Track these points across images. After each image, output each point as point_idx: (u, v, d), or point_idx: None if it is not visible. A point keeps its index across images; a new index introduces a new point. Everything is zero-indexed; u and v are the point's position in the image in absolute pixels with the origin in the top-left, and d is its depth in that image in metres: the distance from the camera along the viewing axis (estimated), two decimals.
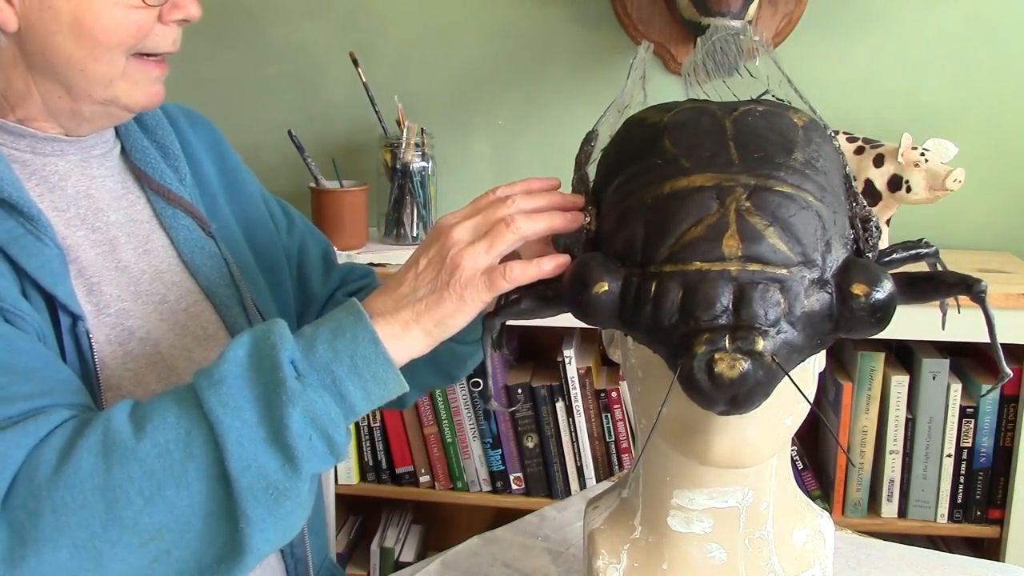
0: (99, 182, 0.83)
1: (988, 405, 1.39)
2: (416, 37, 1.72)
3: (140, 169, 0.87)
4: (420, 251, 0.68)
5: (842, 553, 0.86)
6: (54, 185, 0.80)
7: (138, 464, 0.59)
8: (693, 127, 0.59)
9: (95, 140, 0.83)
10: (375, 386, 0.64)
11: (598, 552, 0.68)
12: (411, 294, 0.66)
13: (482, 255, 0.65)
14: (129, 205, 0.85)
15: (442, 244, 0.66)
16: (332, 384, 0.63)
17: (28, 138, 0.78)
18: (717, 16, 1.44)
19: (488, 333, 0.62)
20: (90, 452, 0.60)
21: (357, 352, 0.63)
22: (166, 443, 0.60)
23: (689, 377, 0.50)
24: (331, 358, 0.63)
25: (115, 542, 0.59)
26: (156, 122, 0.89)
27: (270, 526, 0.61)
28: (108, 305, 0.78)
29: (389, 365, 0.64)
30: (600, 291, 0.53)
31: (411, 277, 0.67)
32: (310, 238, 1.02)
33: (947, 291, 0.57)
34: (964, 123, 1.56)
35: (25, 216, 0.72)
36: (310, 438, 0.61)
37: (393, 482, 1.61)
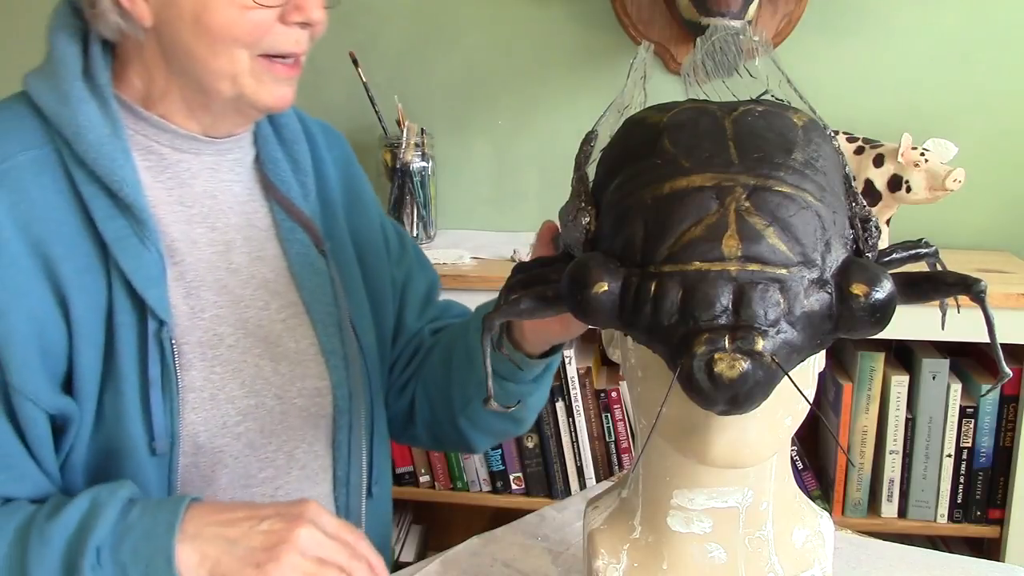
0: (226, 186, 0.86)
1: (988, 405, 1.39)
2: (416, 37, 1.72)
3: (269, 179, 0.90)
4: (272, 510, 0.72)
5: (842, 553, 0.86)
6: (184, 181, 0.83)
7: None
8: (692, 127, 0.59)
9: (231, 144, 0.86)
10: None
11: (598, 552, 0.68)
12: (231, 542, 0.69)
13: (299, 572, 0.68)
14: (252, 212, 0.88)
15: (289, 527, 0.69)
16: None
17: (169, 133, 0.81)
18: (717, 16, 1.44)
19: (488, 333, 0.62)
20: None
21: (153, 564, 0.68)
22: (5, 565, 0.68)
23: (689, 377, 0.50)
24: (129, 561, 0.68)
25: None
26: (294, 136, 0.92)
27: None
28: (204, 309, 0.81)
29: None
30: (600, 291, 0.53)
31: (245, 526, 0.70)
32: (418, 270, 1.03)
33: (947, 291, 0.56)
34: (964, 123, 1.56)
35: (136, 218, 0.76)
36: None
37: (393, 482, 1.61)
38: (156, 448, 0.77)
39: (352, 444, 0.91)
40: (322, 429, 0.89)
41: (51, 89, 0.76)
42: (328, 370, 0.89)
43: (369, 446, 0.93)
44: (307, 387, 0.88)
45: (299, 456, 0.88)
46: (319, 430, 0.89)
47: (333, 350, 0.89)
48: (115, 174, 0.75)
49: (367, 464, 0.93)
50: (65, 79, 0.76)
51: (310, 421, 0.88)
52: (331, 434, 0.90)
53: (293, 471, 0.88)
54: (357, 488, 0.92)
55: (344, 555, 0.71)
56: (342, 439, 0.90)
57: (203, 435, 0.80)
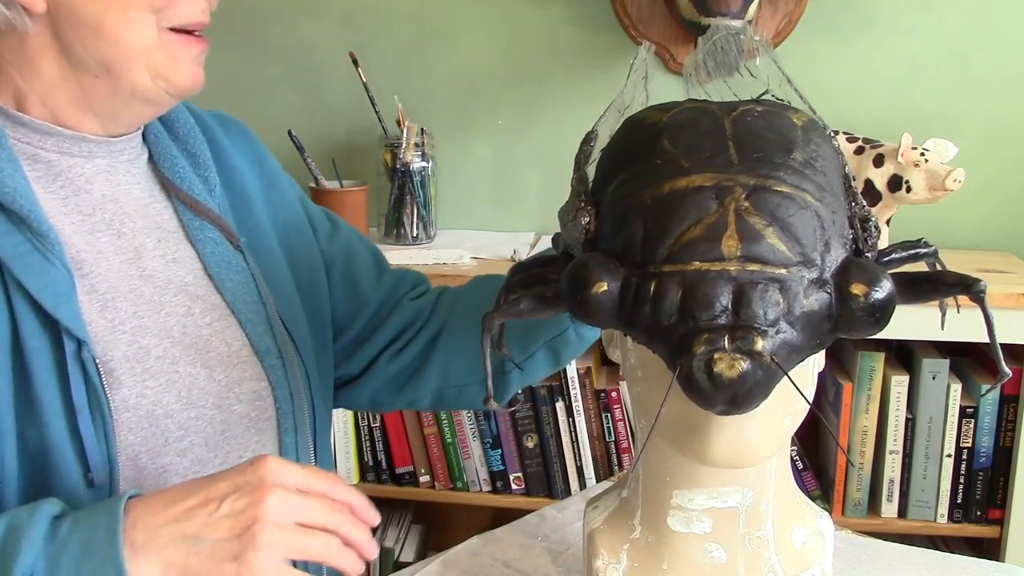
0: (124, 189, 0.81)
1: (988, 405, 1.39)
2: (416, 37, 1.72)
3: (167, 178, 0.84)
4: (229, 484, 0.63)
5: (841, 553, 0.86)
6: (80, 188, 0.77)
7: None
8: (692, 127, 0.59)
9: (123, 144, 0.81)
10: None
11: (598, 552, 0.68)
12: (193, 539, 0.61)
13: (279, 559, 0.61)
14: (156, 214, 0.83)
15: (254, 501, 0.61)
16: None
17: (56, 136, 0.76)
18: (717, 16, 1.44)
19: (487, 333, 0.62)
20: None
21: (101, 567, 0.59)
22: None
23: (688, 377, 0.50)
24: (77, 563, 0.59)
25: None
26: (187, 130, 0.87)
27: None
28: (124, 322, 0.75)
29: None
30: (599, 291, 0.53)
31: (203, 514, 0.62)
32: (358, 242, 1.00)
33: (946, 291, 0.56)
34: (964, 123, 1.56)
35: (34, 232, 0.69)
36: None
37: (393, 482, 1.62)
38: (93, 479, 0.70)
39: (299, 446, 0.87)
40: (267, 434, 0.84)
41: None
42: (265, 370, 0.84)
43: (314, 445, 0.89)
44: (246, 391, 0.82)
45: None
46: (264, 435, 0.84)
47: (267, 349, 0.84)
48: (4, 185, 0.68)
49: (316, 464, 0.89)
50: None
51: (253, 427, 0.83)
52: (277, 438, 0.85)
53: None
54: None
55: (324, 510, 0.64)
56: (289, 442, 0.86)
57: (144, 456, 0.74)
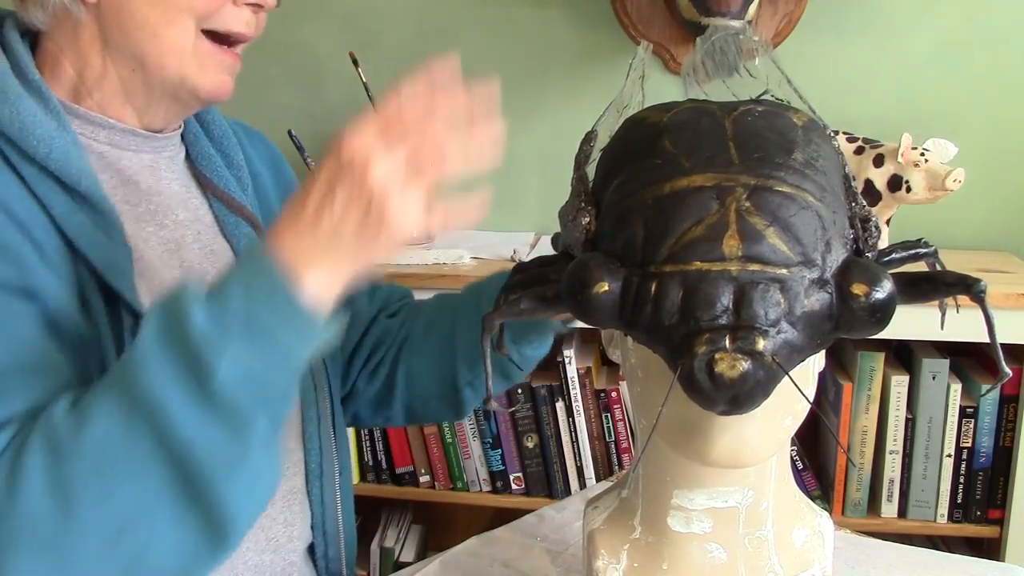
0: (166, 184, 0.84)
1: (988, 405, 1.39)
2: (416, 37, 1.72)
3: (205, 176, 0.88)
4: (333, 177, 0.61)
5: (841, 553, 0.86)
6: (128, 179, 0.80)
7: (83, 458, 0.58)
8: (693, 127, 0.59)
9: (166, 141, 0.84)
10: (299, 332, 0.60)
11: (598, 552, 0.68)
12: (334, 233, 0.61)
13: (412, 203, 0.60)
14: (194, 209, 0.86)
15: (362, 180, 0.60)
16: (255, 337, 0.59)
17: (107, 129, 0.79)
18: (717, 16, 1.44)
19: (487, 333, 0.62)
20: (36, 454, 0.58)
21: (275, 299, 0.60)
22: (108, 430, 0.58)
23: (689, 377, 0.50)
24: (247, 310, 0.59)
25: (76, 544, 0.57)
26: (222, 132, 0.91)
27: (239, 490, 0.59)
28: None
29: (309, 309, 0.60)
30: (600, 291, 0.53)
31: (328, 213, 0.61)
32: None
33: (946, 291, 0.57)
34: (964, 123, 1.56)
35: (97, 211, 0.73)
36: (247, 393, 0.59)
37: (393, 482, 1.62)
38: None
39: (322, 435, 0.90)
40: (291, 422, 0.88)
41: None
42: None
43: (334, 435, 0.92)
44: None
45: None
46: (289, 423, 0.87)
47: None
48: (71, 167, 0.71)
49: (336, 453, 0.92)
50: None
51: None
52: (300, 426, 0.89)
53: None
54: (330, 479, 0.92)
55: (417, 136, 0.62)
56: (312, 431, 0.89)
57: None
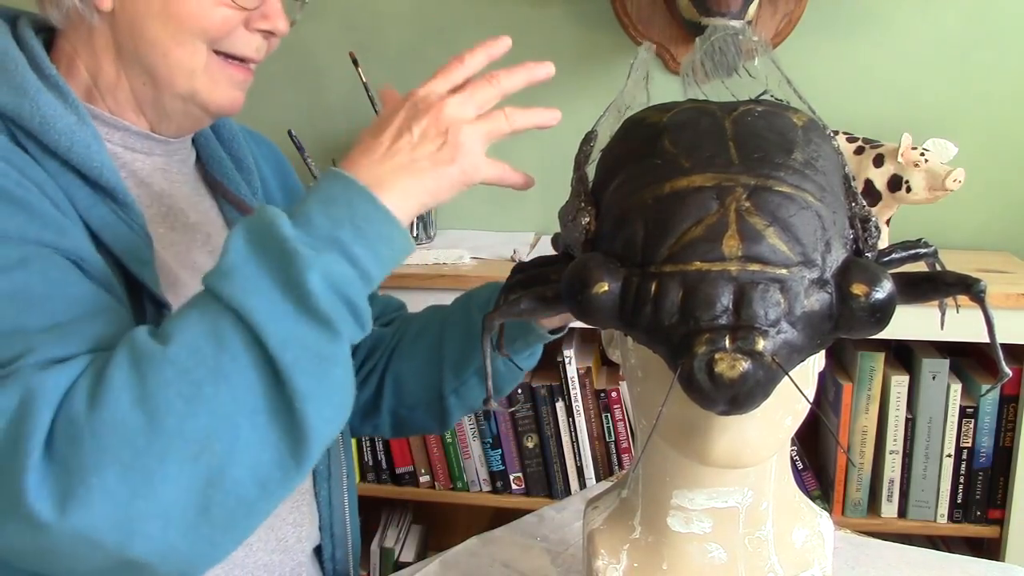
0: (178, 186, 0.85)
1: (988, 405, 1.39)
2: (416, 37, 1.72)
3: (215, 179, 0.88)
4: (406, 113, 0.67)
5: (841, 553, 0.86)
6: (141, 180, 0.81)
7: (170, 366, 0.57)
8: (693, 127, 0.59)
9: (178, 145, 0.85)
10: (383, 246, 0.63)
11: (598, 552, 0.68)
12: (410, 162, 0.65)
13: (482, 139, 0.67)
14: (204, 211, 0.86)
15: (436, 113, 0.66)
16: (340, 250, 0.61)
17: (122, 131, 0.80)
18: (717, 16, 1.44)
19: (487, 333, 0.62)
20: (120, 369, 0.57)
21: (356, 214, 0.62)
22: (195, 340, 0.58)
23: (689, 377, 0.50)
24: (331, 225, 0.61)
25: (163, 456, 0.55)
26: (232, 136, 0.91)
27: (325, 400, 0.59)
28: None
29: (393, 223, 0.63)
30: (600, 291, 0.53)
31: (404, 145, 0.65)
32: None
33: (946, 291, 0.57)
34: (964, 123, 1.56)
35: (119, 203, 0.74)
36: (336, 303, 0.60)
37: (393, 482, 1.62)
38: None
39: None
40: None
41: (1, 83, 0.72)
42: None
43: (341, 437, 0.93)
44: None
45: None
46: None
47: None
48: (92, 160, 0.72)
49: (343, 456, 0.93)
50: (15, 72, 0.72)
51: None
52: None
53: None
54: (338, 480, 0.92)
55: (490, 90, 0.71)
56: None
57: None
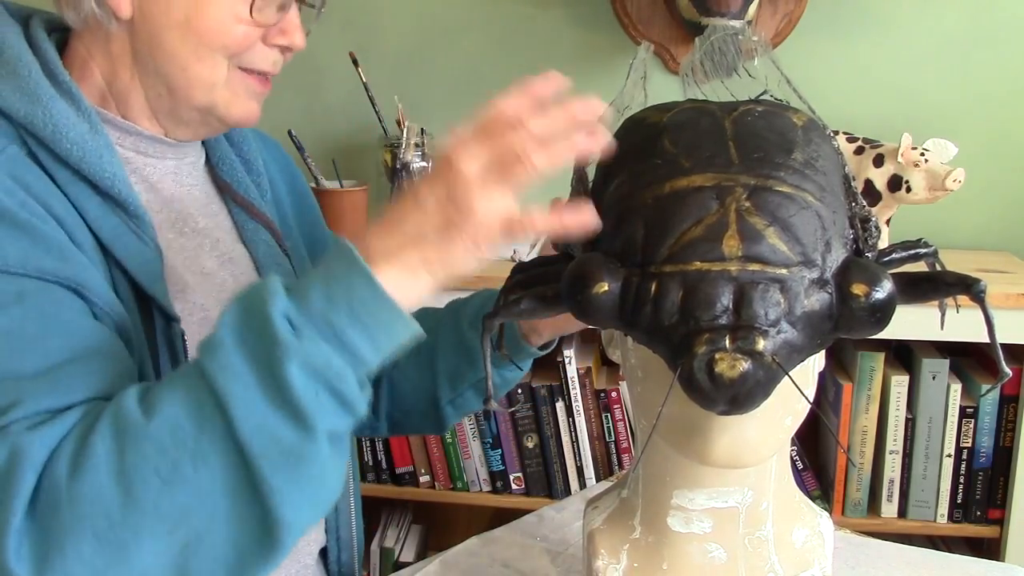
0: (187, 190, 0.84)
1: (988, 405, 1.39)
2: (416, 37, 1.72)
3: (225, 181, 0.88)
4: (425, 186, 0.61)
5: (841, 553, 0.86)
6: (151, 185, 0.80)
7: (151, 443, 0.56)
8: (693, 127, 0.59)
9: (188, 148, 0.84)
10: (380, 332, 0.59)
11: (598, 552, 0.68)
12: (417, 235, 0.60)
13: (498, 199, 0.59)
14: (213, 215, 0.86)
15: (451, 182, 0.59)
16: (332, 335, 0.58)
17: (134, 136, 0.79)
18: (717, 16, 1.44)
19: (487, 333, 0.62)
20: (103, 438, 0.57)
21: (354, 298, 0.58)
22: (176, 419, 0.57)
23: (689, 377, 0.50)
24: (327, 307, 0.58)
25: (138, 530, 0.56)
26: (242, 138, 0.91)
27: (297, 494, 0.58)
28: (193, 312, 0.78)
29: (393, 309, 0.59)
30: (600, 291, 0.53)
31: (416, 215, 0.60)
32: None
33: (946, 291, 0.57)
34: (964, 123, 1.56)
35: (130, 214, 0.73)
36: (316, 393, 0.57)
37: (393, 482, 1.62)
38: None
39: None
40: None
41: (14, 89, 0.71)
42: None
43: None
44: None
45: None
46: None
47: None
48: (104, 171, 0.71)
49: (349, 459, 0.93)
50: (28, 78, 0.71)
51: None
52: None
53: None
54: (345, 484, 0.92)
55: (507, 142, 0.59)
56: None
57: None
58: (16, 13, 0.77)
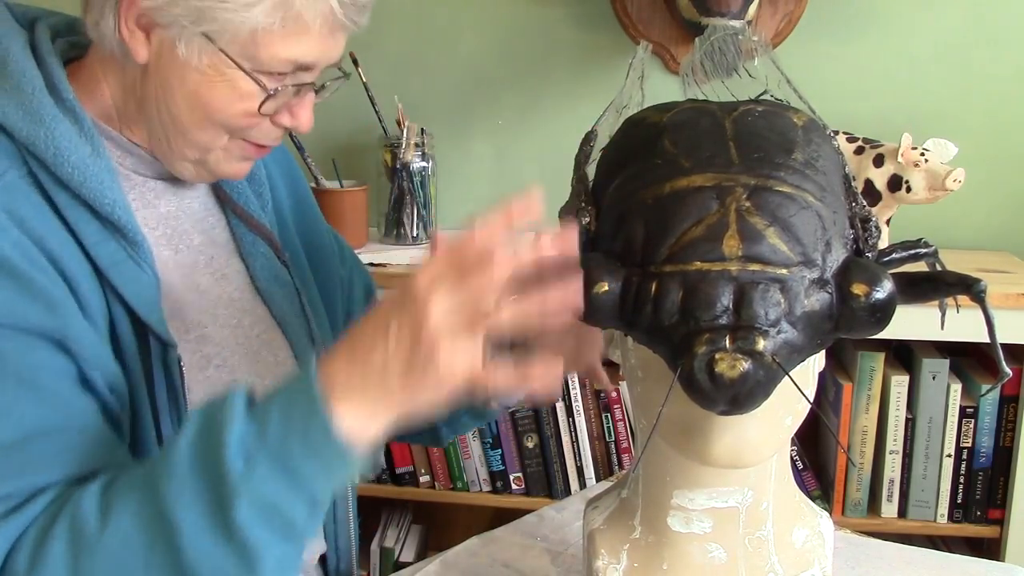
0: (187, 203, 0.83)
1: (988, 405, 1.39)
2: (416, 37, 1.72)
3: (225, 193, 0.87)
4: (391, 313, 0.59)
5: (841, 552, 0.86)
6: (148, 202, 0.80)
7: (103, 554, 0.59)
8: (693, 127, 0.59)
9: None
10: (335, 467, 0.59)
11: (598, 552, 0.68)
12: (382, 370, 0.59)
13: (461, 354, 0.57)
14: (210, 228, 0.85)
15: (417, 319, 0.57)
16: (284, 467, 0.58)
17: (135, 157, 0.78)
18: (717, 16, 1.44)
19: None
20: (60, 541, 0.59)
21: (311, 430, 0.58)
22: (128, 532, 0.59)
23: (690, 377, 0.50)
24: (283, 436, 0.58)
25: None
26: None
27: None
28: (189, 331, 0.78)
29: (347, 450, 0.58)
30: (600, 291, 0.53)
31: (381, 347, 0.59)
32: (355, 270, 1.03)
33: (946, 291, 0.57)
34: (964, 123, 1.56)
35: (129, 240, 0.72)
36: (264, 529, 0.58)
37: (393, 482, 1.61)
38: None
39: None
40: None
41: (17, 107, 0.69)
42: None
43: None
44: None
45: None
46: None
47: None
48: (104, 196, 0.70)
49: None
50: (32, 95, 0.70)
51: None
52: None
53: None
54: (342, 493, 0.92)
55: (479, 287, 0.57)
56: None
57: None
58: (21, 16, 0.76)
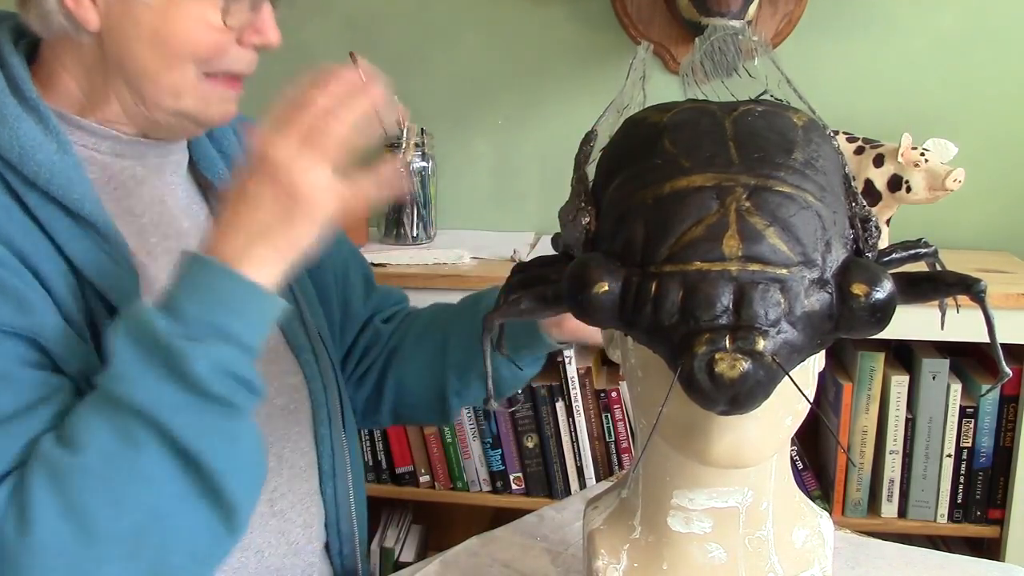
0: (171, 190, 0.83)
1: (988, 405, 1.39)
2: (416, 37, 1.72)
3: (207, 179, 0.87)
4: (251, 184, 0.66)
5: (841, 552, 0.86)
6: (131, 191, 0.79)
7: (89, 475, 0.59)
8: (693, 127, 0.59)
9: (172, 147, 0.83)
10: (256, 317, 0.65)
11: (598, 552, 0.68)
12: (259, 228, 0.65)
13: (318, 172, 0.65)
14: (195, 215, 0.85)
15: (272, 171, 0.65)
16: (218, 334, 0.63)
17: (111, 140, 0.78)
18: (717, 16, 1.44)
19: (487, 333, 0.62)
20: (40, 487, 0.59)
21: (225, 296, 0.64)
22: (106, 445, 0.60)
23: (689, 377, 0.50)
24: (204, 312, 0.63)
25: (100, 560, 0.58)
26: (222, 133, 0.90)
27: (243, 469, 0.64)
28: None
29: (259, 293, 0.65)
30: (600, 291, 0.53)
31: (253, 213, 0.65)
32: (351, 258, 1.03)
33: (946, 291, 0.57)
34: (964, 123, 1.56)
35: (102, 235, 0.72)
36: (228, 384, 0.62)
37: (393, 482, 1.62)
38: None
39: (333, 436, 0.91)
40: (304, 424, 0.89)
41: None
42: (300, 365, 0.89)
43: (345, 435, 0.94)
44: (284, 384, 0.87)
45: (287, 456, 0.88)
46: (302, 426, 0.89)
47: (301, 345, 0.89)
48: (73, 192, 0.70)
49: (348, 453, 0.93)
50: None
51: (292, 419, 0.88)
52: (312, 428, 0.90)
53: (283, 472, 0.87)
54: (343, 478, 0.93)
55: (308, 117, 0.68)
56: (324, 433, 0.91)
57: None
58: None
